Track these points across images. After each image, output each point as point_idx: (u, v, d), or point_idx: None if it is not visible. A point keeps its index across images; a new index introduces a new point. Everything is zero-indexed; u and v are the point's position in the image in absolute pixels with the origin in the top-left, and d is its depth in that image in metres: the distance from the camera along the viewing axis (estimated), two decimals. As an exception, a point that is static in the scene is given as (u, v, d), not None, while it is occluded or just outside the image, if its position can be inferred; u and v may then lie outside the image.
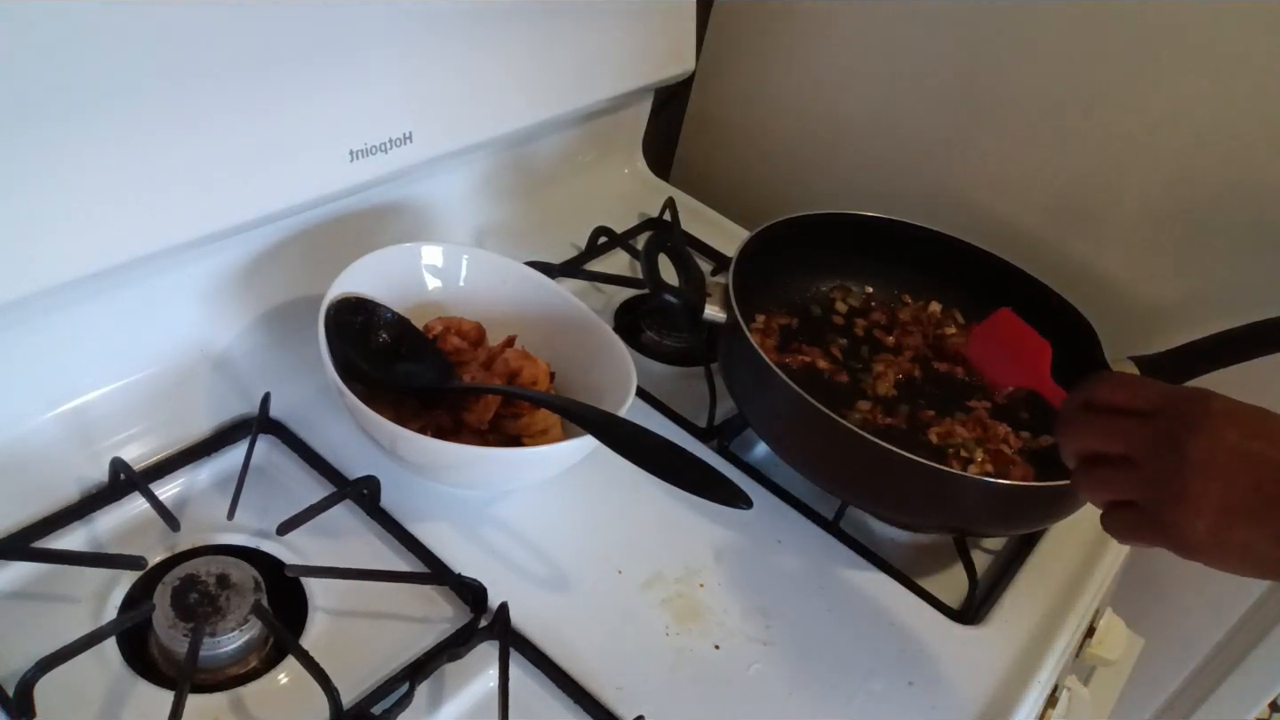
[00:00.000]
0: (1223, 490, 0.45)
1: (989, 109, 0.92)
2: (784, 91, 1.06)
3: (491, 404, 0.66)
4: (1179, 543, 0.47)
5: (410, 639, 0.59)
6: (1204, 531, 0.46)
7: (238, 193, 0.64)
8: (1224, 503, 0.45)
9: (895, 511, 0.72)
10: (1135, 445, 0.49)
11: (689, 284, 0.73)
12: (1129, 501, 0.49)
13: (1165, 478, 0.47)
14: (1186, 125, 0.82)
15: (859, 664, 0.64)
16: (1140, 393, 0.50)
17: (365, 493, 0.65)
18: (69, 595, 0.57)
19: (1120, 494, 0.50)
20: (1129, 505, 0.49)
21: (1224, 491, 0.45)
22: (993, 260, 0.84)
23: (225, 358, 0.72)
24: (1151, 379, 0.52)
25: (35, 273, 0.56)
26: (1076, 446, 0.52)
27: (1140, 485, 0.48)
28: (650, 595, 0.65)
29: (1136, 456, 0.48)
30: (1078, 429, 0.52)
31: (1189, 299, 0.87)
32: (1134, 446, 0.49)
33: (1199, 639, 1.02)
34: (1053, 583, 0.73)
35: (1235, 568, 0.47)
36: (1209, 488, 0.45)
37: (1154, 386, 0.50)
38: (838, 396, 0.79)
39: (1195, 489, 0.46)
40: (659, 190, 1.06)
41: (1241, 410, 0.47)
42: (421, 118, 0.73)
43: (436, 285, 0.74)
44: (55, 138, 0.54)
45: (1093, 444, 0.51)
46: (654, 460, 0.60)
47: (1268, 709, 1.15)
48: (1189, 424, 0.46)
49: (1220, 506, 0.45)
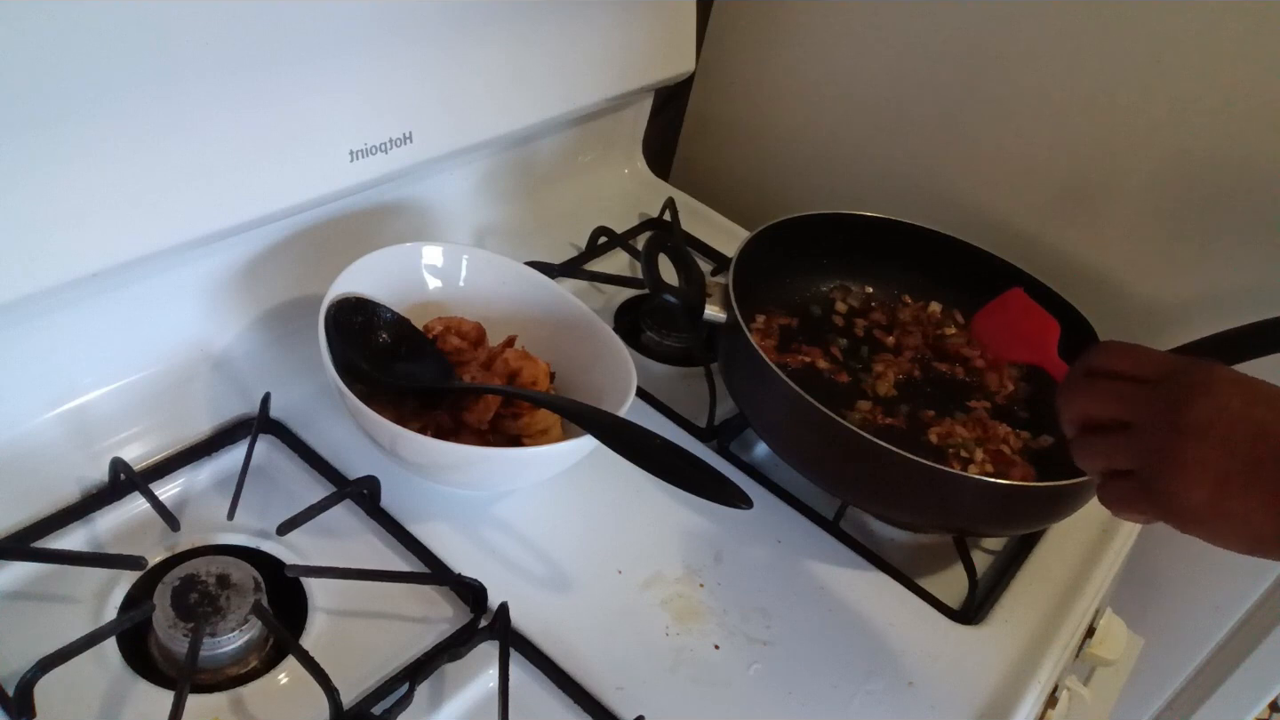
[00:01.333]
0: (1222, 458, 0.44)
1: (989, 108, 0.92)
2: (783, 91, 1.06)
3: (491, 404, 0.66)
4: (1176, 513, 0.46)
5: (410, 639, 0.59)
6: (1202, 501, 0.45)
7: (238, 193, 0.64)
8: (1223, 471, 0.44)
9: (895, 511, 0.72)
10: (1136, 411, 0.48)
11: (689, 284, 0.73)
12: (1126, 472, 0.48)
13: (1164, 444, 0.46)
14: (1187, 124, 0.82)
15: (859, 664, 0.64)
16: (1143, 359, 0.49)
17: (365, 493, 0.65)
18: (69, 595, 0.57)
19: (1118, 462, 0.49)
20: (1126, 475, 0.49)
21: (1224, 460, 0.44)
22: (993, 260, 0.84)
23: (225, 358, 0.72)
24: (1154, 348, 0.51)
25: (35, 273, 0.56)
26: (1076, 412, 0.51)
27: (1139, 453, 0.47)
28: (650, 595, 0.65)
29: (1136, 422, 0.48)
30: (1078, 394, 0.51)
31: (1189, 298, 0.87)
32: (1134, 412, 0.48)
33: (1199, 639, 1.03)
34: (1053, 583, 0.73)
35: (1231, 542, 0.45)
36: (1208, 455, 0.44)
37: (1157, 354, 0.49)
38: (838, 396, 0.79)
39: (1194, 456, 0.45)
40: (659, 190, 1.06)
41: (1245, 379, 0.46)
42: (421, 118, 0.73)
43: (436, 285, 0.74)
44: (55, 138, 0.54)
45: (1092, 409, 0.50)
46: (654, 460, 0.60)
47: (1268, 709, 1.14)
48: (1191, 390, 0.46)
49: (1219, 475, 0.44)
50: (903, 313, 0.87)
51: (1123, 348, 0.51)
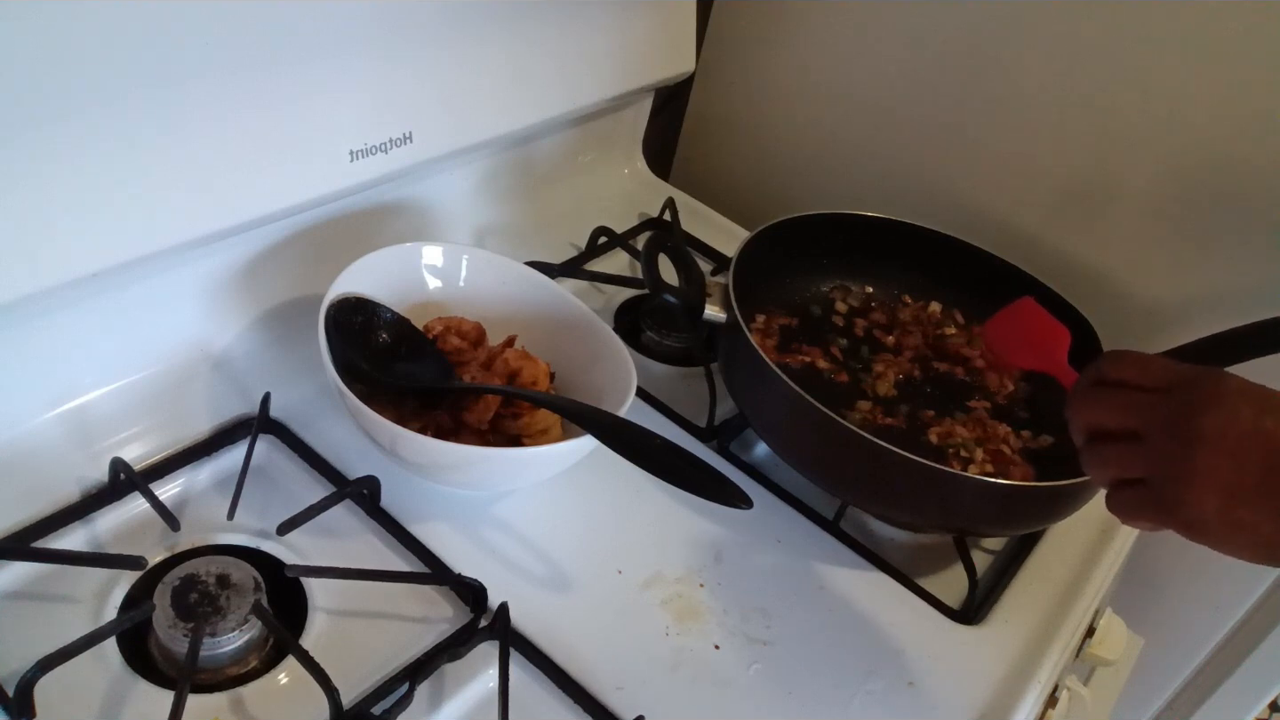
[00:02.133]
0: (1233, 468, 0.44)
1: (989, 109, 0.92)
2: (784, 91, 1.06)
3: (491, 404, 0.66)
4: (1186, 522, 0.46)
5: (410, 639, 0.59)
6: (1212, 511, 0.45)
7: (238, 193, 0.64)
8: (1233, 481, 0.44)
9: (895, 511, 0.72)
10: (1145, 420, 0.48)
11: (689, 284, 0.73)
12: (1135, 480, 0.48)
13: (1175, 453, 0.46)
14: (1187, 124, 0.82)
15: (859, 664, 0.64)
16: (1152, 369, 0.49)
17: (365, 493, 0.65)
18: (69, 595, 0.57)
19: (1127, 471, 0.49)
20: (1135, 484, 0.48)
21: (1234, 469, 0.44)
22: (993, 260, 0.84)
23: (225, 358, 0.72)
24: (1164, 357, 0.51)
25: (35, 273, 0.56)
26: (1085, 421, 0.51)
27: (1148, 462, 0.47)
28: (650, 595, 0.65)
29: (1146, 432, 0.48)
30: (1087, 403, 0.51)
31: (1189, 299, 0.87)
32: (1144, 421, 0.48)
33: (1199, 639, 1.02)
34: (1053, 583, 0.73)
35: (1241, 551, 0.46)
36: (1219, 464, 0.44)
37: (1166, 364, 0.49)
38: (838, 396, 0.79)
39: (1205, 465, 0.45)
40: (659, 190, 1.06)
41: (1256, 389, 0.46)
42: (421, 118, 0.73)
43: (436, 285, 0.74)
44: (55, 138, 0.54)
45: (1102, 418, 0.50)
46: (654, 460, 0.60)
47: (1268, 709, 1.14)
48: (1202, 400, 0.46)
49: (1229, 484, 0.44)
50: (903, 313, 0.87)
51: (1132, 356, 0.51)
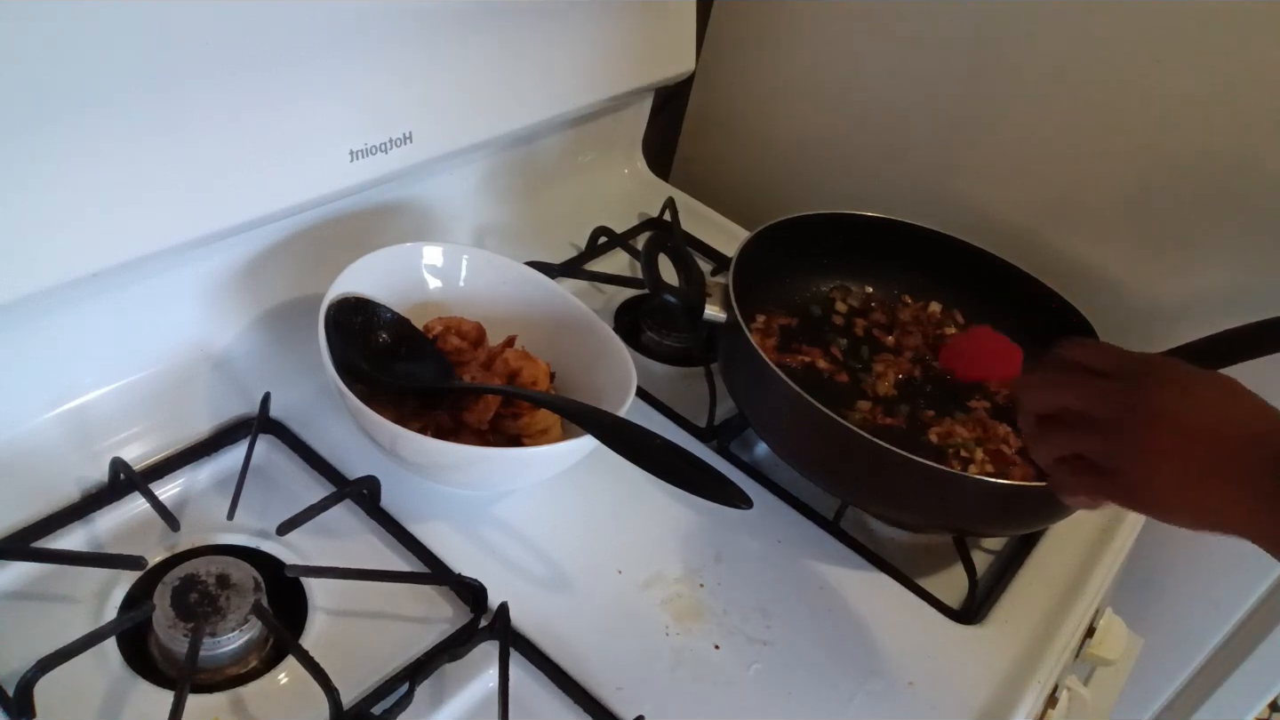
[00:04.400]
0: (1181, 447, 0.45)
1: (988, 109, 0.92)
2: (783, 91, 1.06)
3: (491, 404, 0.66)
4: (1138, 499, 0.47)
5: (410, 639, 0.59)
6: (1161, 486, 0.46)
7: (238, 192, 0.64)
8: (1183, 459, 0.45)
9: (895, 511, 0.72)
10: (1096, 402, 0.49)
11: (689, 284, 0.73)
12: (1077, 459, 0.49)
13: (1130, 432, 0.47)
14: (1186, 124, 0.82)
15: (859, 664, 0.64)
16: (1103, 354, 0.50)
17: (365, 493, 0.65)
18: (69, 595, 0.57)
19: (1074, 448, 0.49)
20: (1078, 461, 0.49)
21: (1183, 448, 0.45)
22: (993, 260, 0.84)
23: (225, 358, 0.72)
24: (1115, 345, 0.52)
25: (35, 272, 0.56)
26: (1034, 403, 0.52)
27: (1099, 442, 0.48)
28: (650, 595, 0.65)
29: (1096, 413, 0.48)
30: (1036, 385, 0.52)
31: (1188, 299, 0.87)
32: (1094, 403, 0.49)
33: (1199, 639, 1.03)
34: (1053, 583, 0.73)
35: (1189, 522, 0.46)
36: (1169, 444, 0.46)
37: (1117, 350, 0.50)
38: (838, 396, 0.79)
39: (1155, 445, 0.46)
40: (659, 190, 1.06)
41: (1202, 373, 0.47)
42: (421, 118, 0.73)
43: (436, 285, 0.74)
44: (55, 138, 0.54)
45: (1050, 399, 0.51)
46: (654, 460, 0.60)
47: (1267, 709, 1.15)
48: (1152, 381, 0.47)
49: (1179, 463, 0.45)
50: (903, 313, 0.87)
51: (1083, 344, 0.52)
